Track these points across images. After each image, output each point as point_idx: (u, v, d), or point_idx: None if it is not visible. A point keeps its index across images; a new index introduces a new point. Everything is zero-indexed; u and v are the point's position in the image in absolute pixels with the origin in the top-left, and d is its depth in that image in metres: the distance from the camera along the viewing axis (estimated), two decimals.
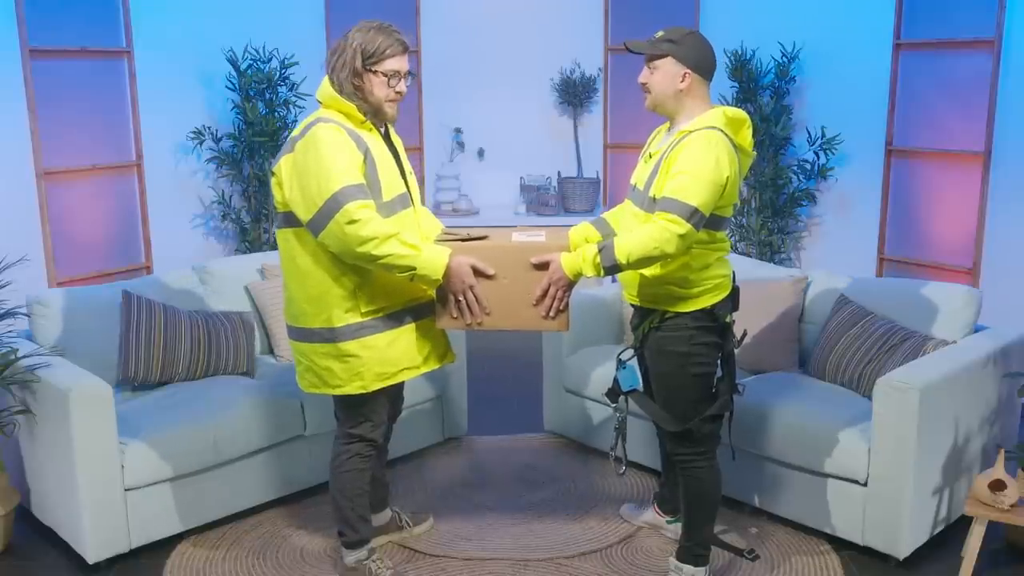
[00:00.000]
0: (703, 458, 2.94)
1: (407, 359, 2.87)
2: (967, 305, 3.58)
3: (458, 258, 2.70)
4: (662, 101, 2.82)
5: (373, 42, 2.71)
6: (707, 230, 2.74)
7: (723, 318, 2.86)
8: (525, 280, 2.74)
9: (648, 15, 5.84)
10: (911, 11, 5.01)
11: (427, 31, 5.97)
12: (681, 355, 2.84)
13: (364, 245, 2.61)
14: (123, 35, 5.17)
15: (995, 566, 3.24)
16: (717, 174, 2.64)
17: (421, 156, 6.14)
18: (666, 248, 2.61)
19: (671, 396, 2.92)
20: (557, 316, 2.77)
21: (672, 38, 2.79)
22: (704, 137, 2.68)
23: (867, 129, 5.29)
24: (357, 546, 3.05)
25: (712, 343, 2.87)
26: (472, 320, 2.77)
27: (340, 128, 2.68)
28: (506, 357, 5.50)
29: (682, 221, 2.60)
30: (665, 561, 3.25)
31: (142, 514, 3.24)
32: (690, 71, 2.76)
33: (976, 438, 3.38)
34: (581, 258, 2.70)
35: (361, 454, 2.97)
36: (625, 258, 2.65)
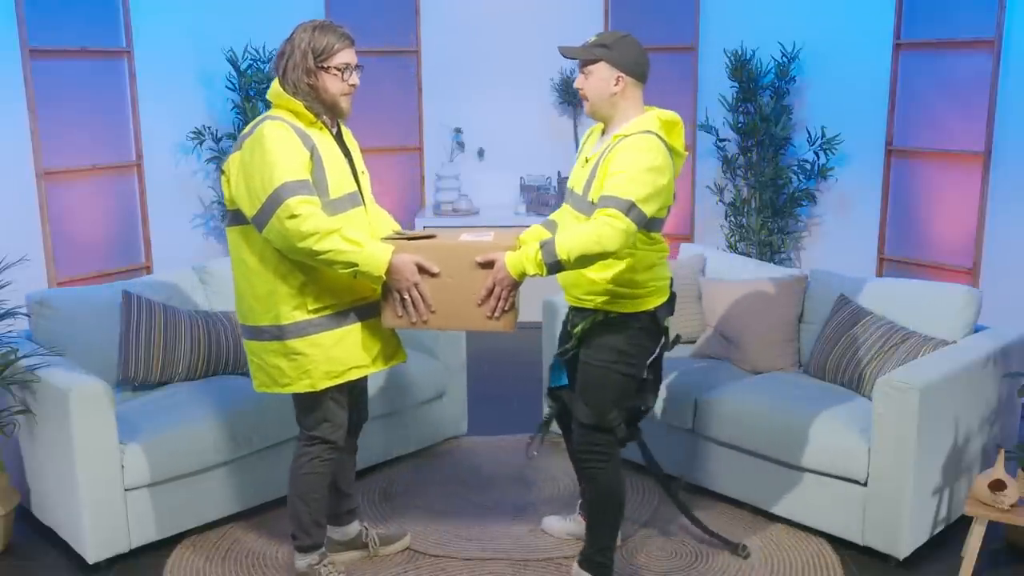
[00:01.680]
0: (605, 458, 2.93)
1: (355, 358, 2.86)
2: (967, 305, 3.58)
3: (402, 255, 2.70)
4: (598, 106, 2.83)
5: (321, 40, 2.76)
6: (644, 231, 2.75)
7: (663, 321, 2.89)
8: (470, 279, 2.73)
9: (648, 15, 5.84)
10: (911, 11, 5.01)
11: (427, 31, 5.97)
12: (616, 352, 2.85)
13: (305, 240, 2.61)
14: (123, 35, 5.17)
15: (995, 566, 3.24)
16: (653, 174, 2.65)
17: (421, 156, 6.14)
18: (607, 244, 2.60)
19: (593, 389, 2.90)
20: (502, 316, 2.75)
21: (605, 43, 2.78)
22: (640, 140, 2.69)
23: (867, 129, 5.30)
24: (310, 550, 3.02)
25: (647, 347, 2.90)
26: (417, 318, 2.75)
27: (286, 126, 2.70)
28: (506, 357, 5.50)
29: (622, 216, 2.60)
30: (665, 561, 3.26)
31: (142, 514, 3.24)
32: (623, 75, 2.77)
33: (976, 438, 3.38)
34: (524, 256, 2.68)
35: (321, 457, 2.95)
36: (566, 255, 2.63)
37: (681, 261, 4.39)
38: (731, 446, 3.57)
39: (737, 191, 5.68)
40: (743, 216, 5.61)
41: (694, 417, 3.67)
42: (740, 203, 5.59)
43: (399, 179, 6.15)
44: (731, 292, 4.07)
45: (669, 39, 5.83)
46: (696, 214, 5.98)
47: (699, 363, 3.95)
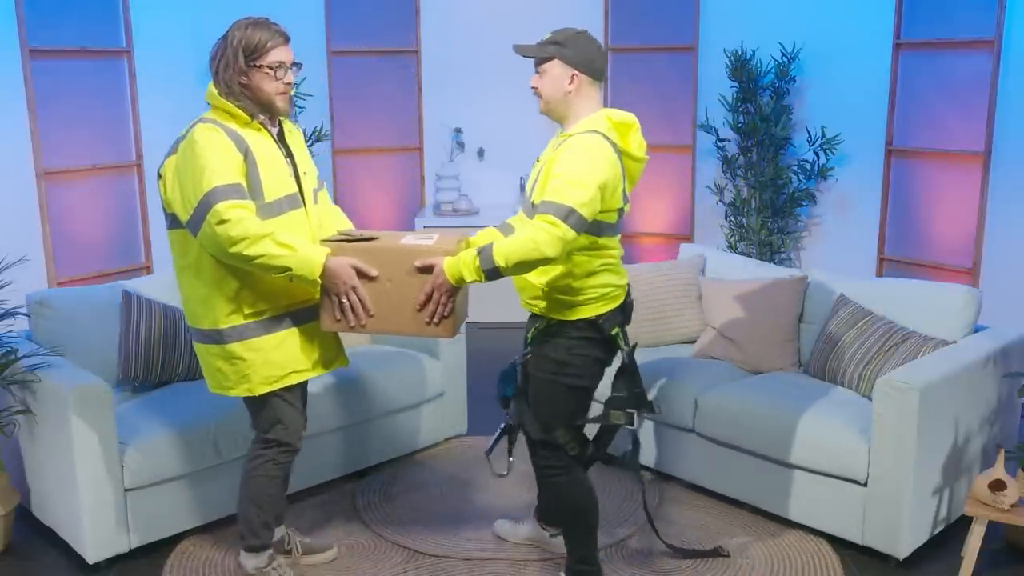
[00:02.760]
0: (562, 471, 2.87)
1: (294, 362, 2.82)
2: (967, 305, 3.58)
3: (338, 258, 2.66)
4: (553, 105, 2.76)
5: (253, 38, 2.70)
6: (589, 235, 2.68)
7: (609, 331, 2.78)
8: (410, 284, 2.69)
9: (648, 15, 5.84)
10: (911, 11, 5.01)
11: (427, 31, 5.97)
12: (557, 363, 2.78)
13: (235, 245, 2.57)
14: (123, 35, 5.17)
15: (995, 566, 3.24)
16: (594, 176, 2.57)
17: (421, 156, 6.14)
18: (544, 250, 2.54)
19: (540, 403, 2.85)
20: (441, 322, 2.70)
21: (557, 40, 2.75)
22: (582, 140, 2.63)
23: (867, 129, 5.30)
24: (259, 551, 3.00)
25: (593, 357, 2.81)
26: (355, 322, 2.71)
27: (218, 129, 2.66)
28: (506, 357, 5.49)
29: (558, 222, 2.53)
30: (666, 561, 3.26)
31: (142, 514, 3.24)
32: (578, 72, 2.71)
33: (976, 438, 3.38)
34: (462, 262, 2.62)
35: (276, 460, 2.92)
36: (504, 261, 2.57)
37: (681, 261, 4.39)
38: (731, 446, 3.57)
39: (737, 191, 5.68)
40: (743, 216, 5.61)
41: (694, 417, 3.67)
42: (740, 203, 5.59)
43: (399, 179, 6.15)
44: (731, 292, 4.07)
45: (669, 39, 5.83)
46: (696, 214, 5.98)
47: (699, 363, 3.95)
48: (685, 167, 5.94)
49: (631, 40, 5.89)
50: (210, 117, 2.71)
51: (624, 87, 5.97)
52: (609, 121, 2.71)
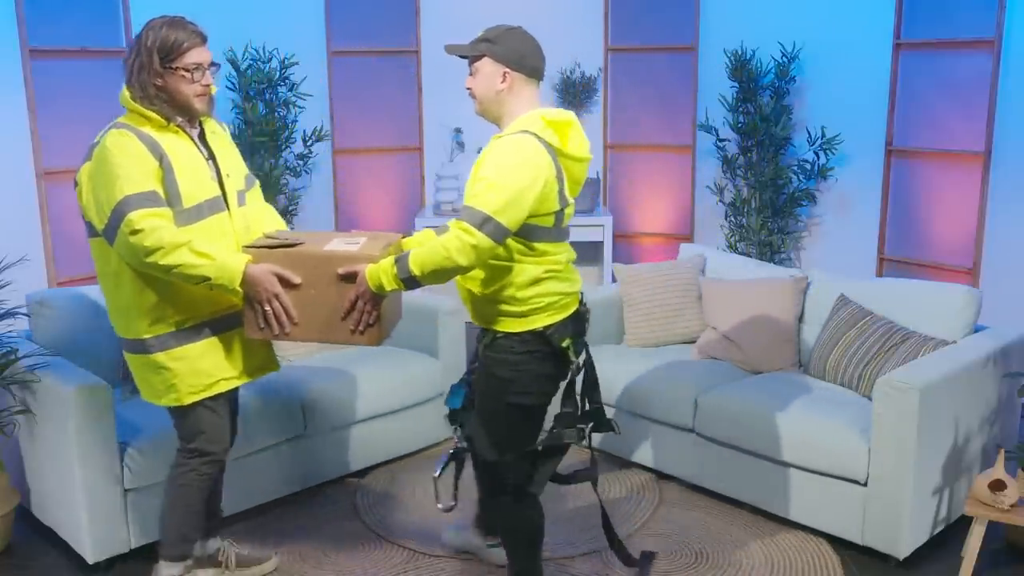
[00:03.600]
0: (508, 493, 2.75)
1: (222, 370, 2.75)
2: (967, 305, 3.58)
3: (260, 266, 2.59)
4: (487, 105, 2.66)
5: (168, 38, 2.60)
6: (523, 241, 2.54)
7: (559, 343, 2.61)
8: (334, 291, 2.61)
9: (648, 15, 5.83)
10: (911, 11, 5.01)
11: (427, 31, 5.96)
12: (502, 380, 2.62)
13: (150, 256, 2.51)
14: (123, 35, 5.16)
15: (995, 566, 3.24)
16: (516, 181, 2.44)
17: (421, 156, 6.14)
18: (457, 259, 2.42)
19: (486, 422, 2.71)
20: (367, 331, 2.61)
21: (489, 37, 2.65)
22: (510, 142, 2.51)
23: (867, 129, 5.30)
24: (176, 560, 2.93)
25: (542, 373, 2.64)
26: (279, 330, 2.63)
27: (130, 134, 2.58)
28: None
29: (473, 230, 2.41)
30: (665, 561, 3.26)
31: (142, 514, 3.24)
32: (510, 70, 2.61)
33: (976, 438, 3.38)
34: (381, 270, 2.52)
35: (199, 470, 2.85)
36: (419, 269, 2.47)
37: (681, 261, 4.39)
38: (731, 446, 3.57)
39: (737, 191, 5.68)
40: (743, 216, 5.61)
41: (694, 417, 3.67)
42: (740, 203, 5.59)
43: (399, 179, 6.15)
44: (731, 292, 4.07)
45: (669, 39, 5.83)
46: (696, 214, 5.98)
47: (699, 363, 3.95)
48: (685, 167, 5.94)
49: (631, 40, 5.89)
50: (124, 122, 2.63)
51: (624, 87, 5.97)
52: (543, 120, 2.58)
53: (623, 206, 6.12)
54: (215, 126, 2.86)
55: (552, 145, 2.56)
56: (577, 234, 5.72)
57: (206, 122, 2.81)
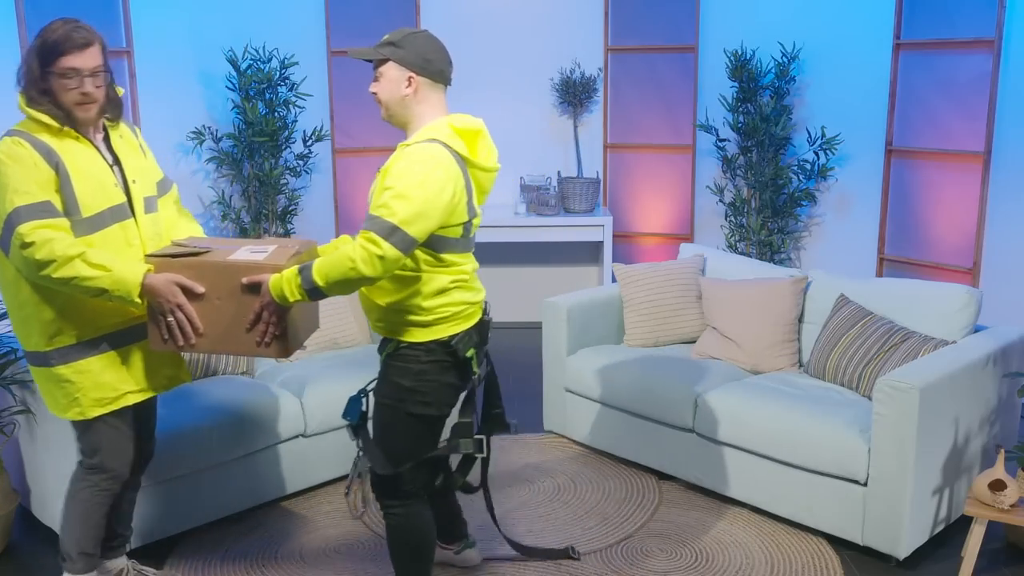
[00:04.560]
0: (401, 505, 2.70)
1: (126, 383, 2.67)
2: (967, 305, 3.58)
3: (160, 276, 2.50)
4: (392, 111, 2.58)
5: (47, 41, 2.48)
6: (431, 252, 2.51)
7: (464, 352, 2.59)
8: (239, 301, 2.52)
9: (648, 15, 5.83)
10: (911, 11, 5.01)
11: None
12: (403, 389, 2.58)
13: (44, 269, 2.42)
14: (123, 35, 5.17)
15: (995, 566, 3.24)
16: (425, 192, 2.38)
17: None
18: (363, 269, 2.35)
19: (383, 432, 2.65)
20: (272, 342, 2.53)
21: (393, 40, 2.54)
22: (418, 151, 2.44)
23: (867, 129, 5.30)
24: (79, 573, 2.82)
25: (445, 383, 2.61)
26: (184, 342, 2.54)
27: (24, 142, 2.47)
28: (506, 357, 5.50)
29: (380, 240, 2.35)
30: (665, 561, 3.26)
31: (142, 514, 3.24)
32: (415, 74, 2.52)
33: (976, 438, 3.38)
34: (284, 280, 2.44)
35: (98, 486, 2.75)
36: (323, 280, 2.40)
37: (681, 261, 4.39)
38: (731, 446, 3.57)
39: (737, 191, 5.68)
40: (743, 216, 5.61)
41: (694, 417, 3.67)
42: (740, 203, 5.59)
43: None
44: (731, 292, 4.07)
45: (669, 39, 5.83)
46: (696, 214, 5.98)
47: (699, 363, 3.95)
48: (685, 167, 5.94)
49: (631, 40, 5.89)
50: (19, 128, 2.52)
51: (624, 87, 5.97)
52: (452, 128, 2.53)
53: (623, 206, 6.12)
54: (124, 130, 2.74)
55: (461, 155, 2.52)
56: (577, 234, 5.73)
57: (113, 127, 2.69)
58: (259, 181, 5.51)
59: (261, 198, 5.57)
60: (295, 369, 3.89)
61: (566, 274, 6.27)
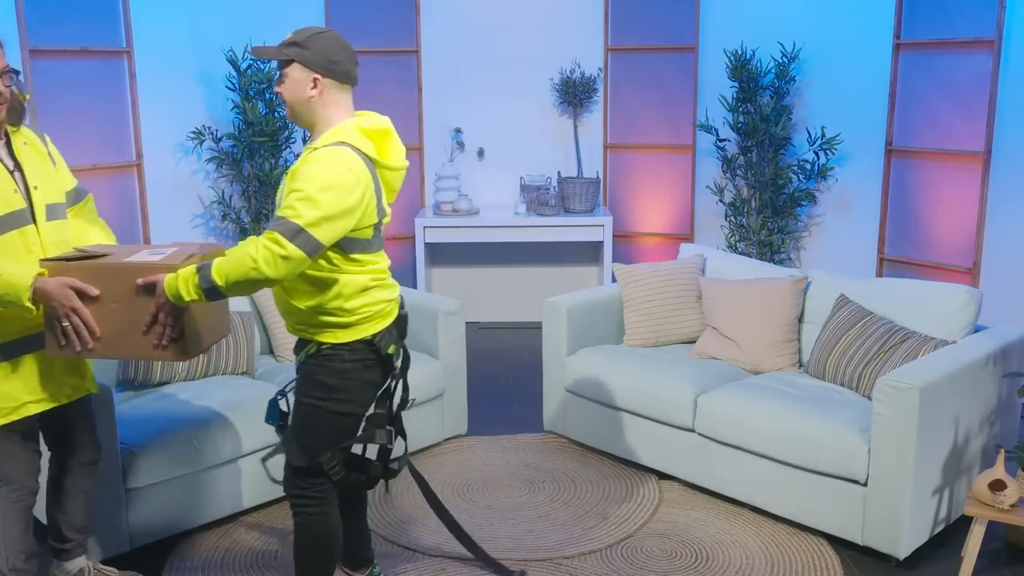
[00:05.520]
0: (315, 503, 2.67)
1: (27, 393, 2.59)
2: (967, 305, 3.58)
3: (53, 279, 2.44)
4: (298, 112, 2.53)
5: None
6: (343, 253, 2.47)
7: (386, 349, 2.60)
8: (136, 304, 2.46)
9: (648, 15, 5.84)
10: (911, 11, 5.01)
11: (427, 31, 5.97)
12: (327, 388, 2.56)
13: None
14: (123, 35, 5.17)
15: (995, 566, 3.24)
16: (333, 195, 2.35)
17: (421, 156, 6.14)
18: (265, 269, 2.32)
19: (304, 427, 2.62)
20: (171, 345, 2.48)
21: (297, 40, 2.49)
22: (327, 154, 2.41)
23: (867, 129, 5.30)
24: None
25: (369, 381, 2.61)
26: (81, 347, 2.48)
27: None
28: (506, 357, 5.50)
29: (285, 241, 2.31)
30: (665, 561, 3.26)
31: (142, 514, 3.24)
32: (320, 76, 2.48)
33: (976, 438, 3.38)
34: (181, 279, 2.39)
35: (7, 498, 2.66)
36: (223, 279, 2.35)
37: (681, 261, 4.39)
38: (731, 446, 3.57)
39: (737, 191, 5.68)
40: (743, 216, 5.61)
41: (694, 417, 3.67)
42: (740, 203, 5.59)
43: None
44: (731, 292, 4.07)
45: (669, 39, 5.83)
46: (696, 214, 5.98)
47: (699, 363, 3.95)
48: (685, 167, 5.94)
49: (631, 40, 5.89)
50: None
51: (624, 87, 5.97)
52: (359, 129, 2.51)
53: (623, 206, 6.12)
54: (29, 136, 2.70)
55: (369, 156, 2.50)
56: (577, 234, 5.73)
57: (16, 133, 2.65)
58: (259, 181, 5.51)
59: (261, 198, 5.57)
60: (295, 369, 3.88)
61: (566, 274, 6.27)
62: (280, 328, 4.06)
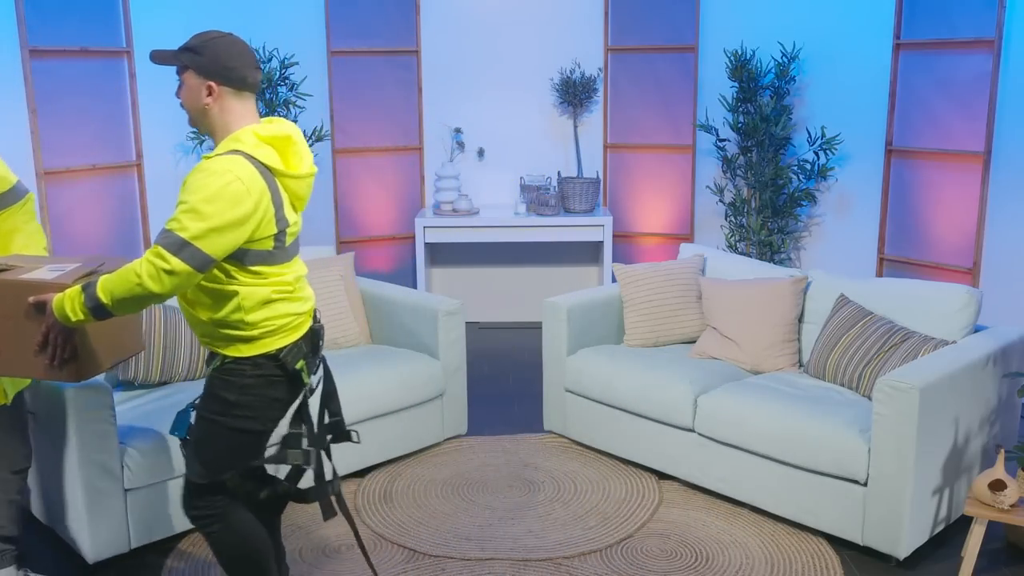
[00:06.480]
0: (215, 519, 2.58)
1: None
2: (967, 305, 3.58)
3: None
4: (197, 120, 2.44)
5: None
6: (240, 266, 2.36)
7: (292, 365, 2.48)
8: (28, 323, 2.41)
9: (648, 15, 5.83)
10: (911, 11, 5.01)
11: (427, 31, 5.97)
12: (226, 403, 2.45)
13: None
14: (123, 35, 5.17)
15: (995, 566, 3.24)
16: (220, 206, 2.25)
17: (421, 156, 6.14)
18: (149, 284, 2.24)
19: (203, 444, 2.53)
20: (64, 365, 2.42)
21: (192, 45, 2.41)
22: (217, 164, 2.29)
23: (867, 129, 5.30)
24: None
25: (272, 398, 2.49)
26: None
27: None
28: (506, 357, 5.50)
29: (169, 256, 2.23)
30: (665, 561, 3.26)
31: (142, 514, 3.24)
32: (215, 83, 2.38)
33: (976, 438, 3.38)
34: (67, 299, 2.31)
35: None
36: (108, 297, 2.27)
37: (681, 261, 4.39)
38: (731, 446, 3.57)
39: (737, 191, 5.68)
40: (743, 216, 5.61)
41: (694, 417, 3.67)
42: (740, 203, 5.59)
43: (399, 179, 6.15)
44: (731, 292, 4.07)
45: (669, 39, 5.83)
46: (696, 214, 5.98)
47: (699, 363, 3.95)
48: (685, 167, 5.94)
49: (631, 40, 5.89)
50: None
51: (624, 87, 5.97)
52: (257, 137, 2.38)
53: (623, 206, 6.12)
54: None
55: (268, 165, 2.38)
56: (577, 234, 5.73)
57: None
58: None
59: None
60: None
61: (566, 274, 6.27)
62: None
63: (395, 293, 4.35)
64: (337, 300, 4.22)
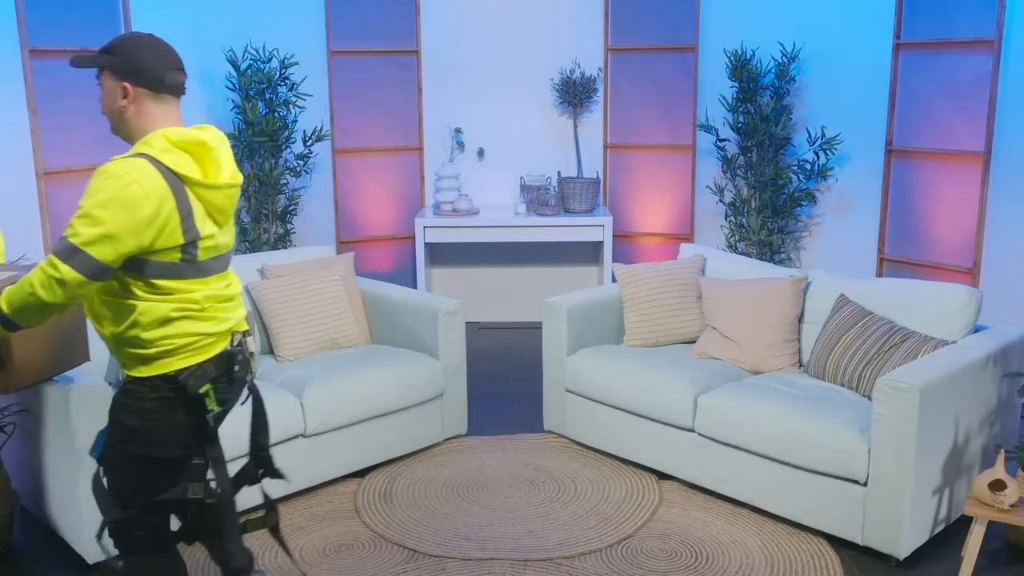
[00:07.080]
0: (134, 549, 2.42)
1: None
2: (967, 305, 3.58)
3: None
4: (116, 125, 2.30)
5: None
6: (140, 278, 2.21)
7: (194, 389, 2.28)
8: None
9: (648, 15, 5.84)
10: (911, 11, 5.01)
11: (427, 31, 5.97)
12: (127, 428, 2.29)
13: None
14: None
15: (995, 566, 3.24)
16: (114, 210, 2.11)
17: (421, 156, 6.14)
18: (41, 293, 2.13)
19: (108, 471, 2.36)
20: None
21: (109, 47, 2.27)
22: (116, 167, 2.15)
23: (867, 129, 5.30)
24: None
25: (175, 422, 2.30)
26: None
27: None
28: (506, 357, 5.50)
29: (59, 263, 2.10)
30: (665, 561, 3.26)
31: None
32: (129, 84, 2.24)
33: (976, 438, 3.38)
34: None
35: None
36: (7, 307, 2.19)
37: (681, 261, 4.39)
38: (731, 446, 3.57)
39: (737, 191, 5.68)
40: (743, 216, 5.61)
41: (694, 417, 3.67)
42: (740, 203, 5.59)
43: (399, 179, 6.15)
44: (731, 292, 4.07)
45: (669, 39, 5.83)
46: (696, 214, 5.98)
47: (699, 363, 3.95)
48: (685, 167, 5.94)
49: (631, 40, 5.89)
50: None
51: (624, 87, 5.97)
52: (167, 141, 2.22)
53: (623, 206, 6.12)
54: None
55: (177, 172, 2.20)
56: (577, 234, 5.72)
57: None
58: (259, 181, 5.51)
59: (261, 198, 5.57)
60: (295, 369, 3.89)
61: (566, 274, 6.27)
62: (281, 328, 4.06)
63: (395, 293, 4.35)
64: (337, 300, 4.23)
